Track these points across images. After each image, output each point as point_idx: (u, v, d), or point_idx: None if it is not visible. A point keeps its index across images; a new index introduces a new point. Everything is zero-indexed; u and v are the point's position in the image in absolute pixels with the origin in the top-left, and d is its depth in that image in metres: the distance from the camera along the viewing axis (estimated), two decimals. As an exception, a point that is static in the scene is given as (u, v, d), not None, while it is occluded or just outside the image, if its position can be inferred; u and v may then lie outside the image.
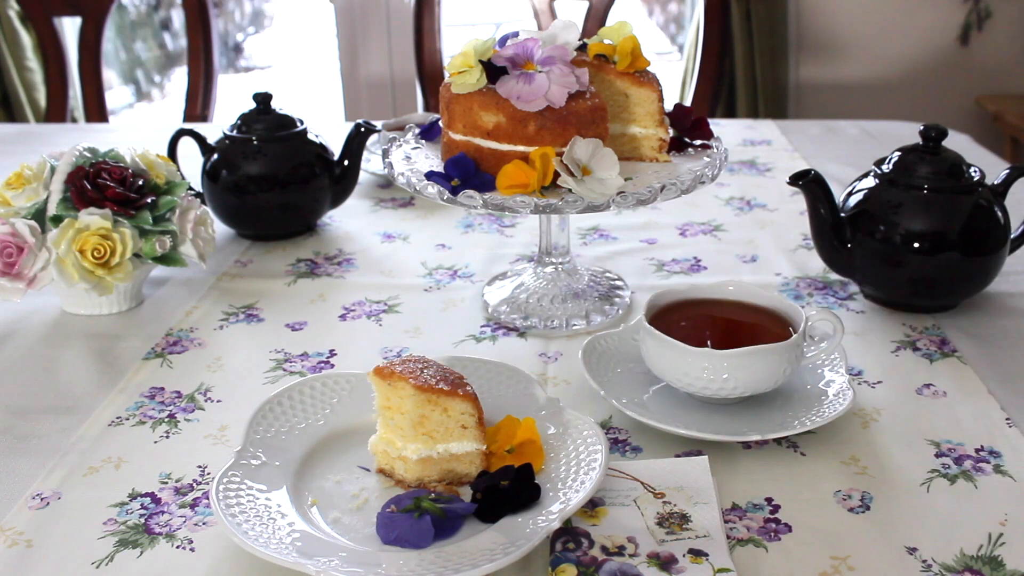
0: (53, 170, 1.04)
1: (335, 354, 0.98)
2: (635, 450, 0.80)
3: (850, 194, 1.03)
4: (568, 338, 1.00)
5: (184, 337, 1.02)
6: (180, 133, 1.27)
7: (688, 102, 2.51)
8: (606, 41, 1.01)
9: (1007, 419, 0.84)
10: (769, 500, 0.73)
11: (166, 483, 0.77)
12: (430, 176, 0.93)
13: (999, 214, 0.99)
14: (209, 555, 0.69)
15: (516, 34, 0.97)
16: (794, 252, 1.21)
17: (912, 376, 0.91)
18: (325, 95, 3.72)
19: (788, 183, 1.02)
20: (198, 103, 2.20)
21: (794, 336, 0.81)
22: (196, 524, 0.72)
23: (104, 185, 1.02)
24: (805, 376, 0.86)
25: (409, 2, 2.86)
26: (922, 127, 1.00)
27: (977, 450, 0.79)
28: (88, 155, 1.06)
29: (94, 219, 1.00)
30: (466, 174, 0.93)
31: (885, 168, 1.01)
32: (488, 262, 1.20)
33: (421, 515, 0.66)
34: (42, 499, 0.75)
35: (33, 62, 2.95)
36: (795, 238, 1.25)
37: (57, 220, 1.01)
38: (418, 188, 0.94)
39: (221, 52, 3.32)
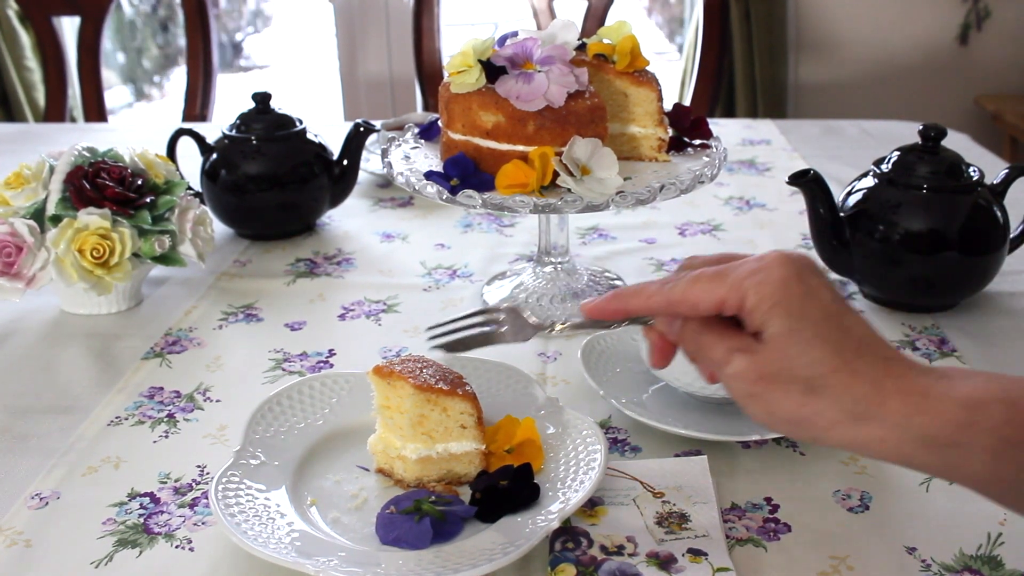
0: (52, 170, 1.04)
1: (334, 354, 0.98)
2: (634, 450, 0.80)
3: (849, 194, 1.03)
4: (567, 338, 1.00)
5: (183, 337, 1.02)
6: (179, 133, 1.27)
7: (687, 102, 2.51)
8: (605, 40, 1.01)
9: (1006, 419, 0.83)
10: (768, 500, 0.73)
11: (165, 483, 0.77)
12: (429, 176, 0.93)
13: (998, 214, 0.99)
14: (208, 555, 0.69)
15: (515, 34, 0.97)
16: (793, 252, 1.20)
17: (911, 376, 0.91)
18: (324, 95, 3.72)
19: (787, 183, 1.02)
20: (197, 103, 2.20)
21: (793, 336, 0.80)
22: (195, 524, 0.72)
23: (103, 185, 1.02)
24: (804, 376, 0.86)
25: (408, 1, 2.86)
26: (921, 127, 1.00)
27: (976, 450, 0.79)
28: (87, 155, 1.06)
29: (93, 219, 1.00)
30: (465, 174, 0.93)
31: (884, 168, 1.01)
32: (487, 262, 1.20)
33: (421, 518, 0.66)
34: (41, 499, 0.75)
35: (32, 61, 2.95)
36: (794, 238, 1.25)
37: (56, 220, 1.01)
38: (417, 188, 0.94)
39: (220, 52, 3.32)
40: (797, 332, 0.54)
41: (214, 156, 1.24)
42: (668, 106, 1.02)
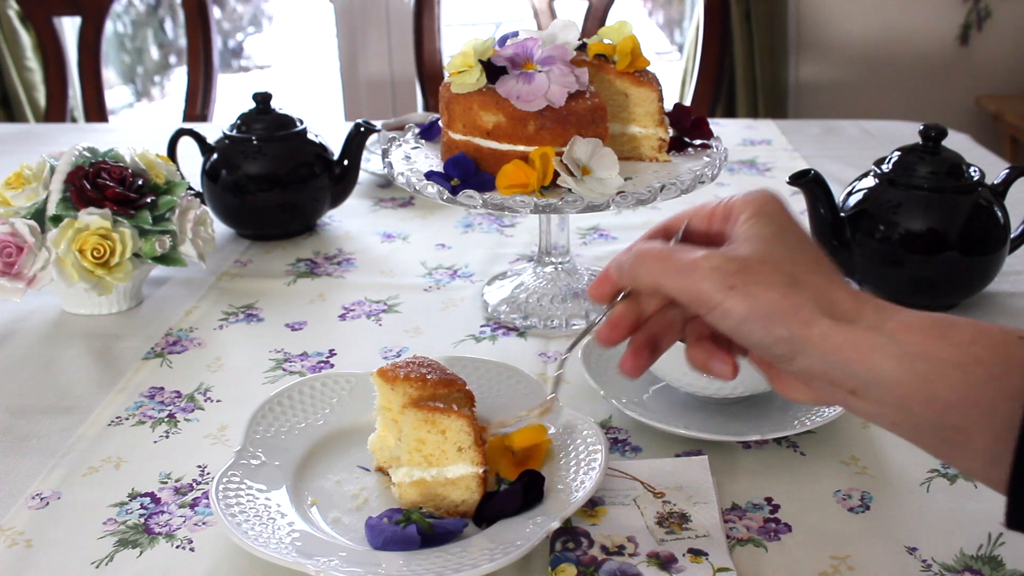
0: (53, 170, 1.04)
1: (335, 354, 0.98)
2: (635, 450, 0.80)
3: (850, 194, 1.03)
4: (568, 338, 1.00)
5: (184, 337, 1.02)
6: (180, 133, 1.27)
7: (688, 102, 2.51)
8: (606, 41, 1.01)
9: (1007, 419, 0.83)
10: (769, 500, 0.73)
11: (166, 483, 0.77)
12: (430, 176, 0.93)
13: (999, 214, 0.99)
14: (209, 555, 0.69)
15: (516, 34, 0.97)
16: (794, 252, 1.20)
17: (912, 376, 0.91)
18: (325, 95, 3.72)
19: (788, 183, 1.02)
20: (198, 103, 2.20)
21: (794, 336, 0.80)
22: (196, 524, 0.72)
23: (104, 185, 1.02)
24: (805, 376, 0.86)
25: (409, 2, 2.86)
26: (922, 127, 1.00)
27: (977, 450, 0.79)
28: (88, 155, 1.06)
29: (94, 219, 1.00)
30: (466, 174, 0.93)
31: (885, 168, 1.01)
32: (488, 262, 1.20)
33: (407, 525, 0.66)
34: (42, 499, 0.75)
35: (33, 62, 2.95)
36: (795, 238, 1.25)
37: (57, 220, 1.01)
38: (418, 188, 0.94)
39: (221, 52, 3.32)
40: (782, 236, 0.58)
41: (215, 156, 1.24)
42: (669, 106, 1.02)
